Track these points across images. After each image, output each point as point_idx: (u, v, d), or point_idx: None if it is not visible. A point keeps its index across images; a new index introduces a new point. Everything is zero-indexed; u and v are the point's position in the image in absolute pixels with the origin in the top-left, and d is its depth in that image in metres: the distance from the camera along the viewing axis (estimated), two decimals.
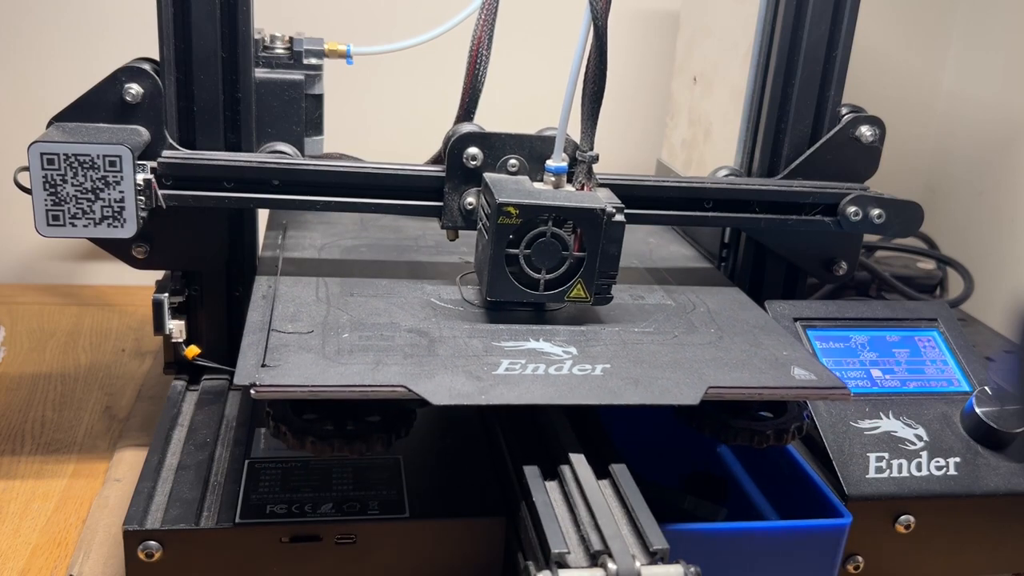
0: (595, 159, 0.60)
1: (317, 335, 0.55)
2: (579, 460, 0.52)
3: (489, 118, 0.64)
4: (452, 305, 0.61)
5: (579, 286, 0.58)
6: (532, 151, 0.62)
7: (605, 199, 0.59)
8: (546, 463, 0.53)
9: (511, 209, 0.56)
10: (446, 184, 0.62)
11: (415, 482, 0.57)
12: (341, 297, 0.61)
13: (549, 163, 0.61)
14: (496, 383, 0.51)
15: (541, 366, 0.53)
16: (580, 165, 0.60)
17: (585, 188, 0.60)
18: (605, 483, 0.52)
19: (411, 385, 0.49)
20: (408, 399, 0.49)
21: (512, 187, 0.59)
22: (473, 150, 0.61)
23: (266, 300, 0.60)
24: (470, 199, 0.62)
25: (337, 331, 0.55)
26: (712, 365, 0.55)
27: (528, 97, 0.97)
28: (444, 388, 0.50)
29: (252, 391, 0.48)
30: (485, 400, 0.49)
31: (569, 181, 0.61)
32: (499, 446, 0.60)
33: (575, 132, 0.60)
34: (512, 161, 0.62)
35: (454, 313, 0.60)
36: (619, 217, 0.57)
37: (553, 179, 0.60)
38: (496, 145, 0.62)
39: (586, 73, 0.58)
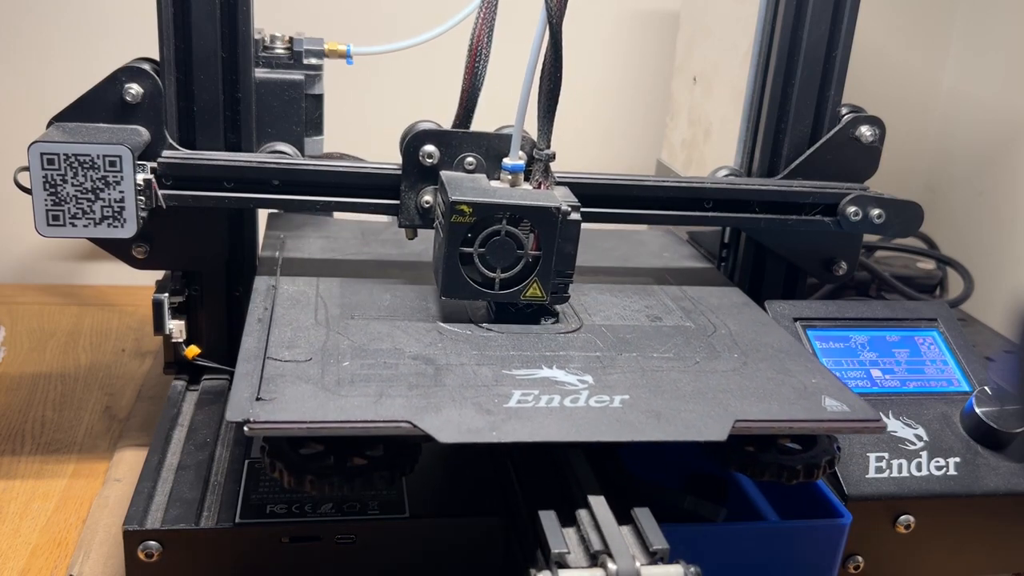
0: (552, 157, 0.60)
1: (316, 363, 0.52)
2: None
3: (490, 117, 0.64)
4: (459, 328, 0.58)
5: (535, 285, 0.58)
6: (489, 149, 0.61)
7: (561, 197, 0.58)
8: (548, 467, 0.53)
9: (465, 207, 0.56)
10: (403, 182, 0.62)
11: (415, 482, 0.57)
12: (341, 320, 0.58)
13: (506, 161, 0.60)
14: (508, 417, 0.48)
15: (556, 397, 0.50)
16: (537, 163, 0.60)
17: (542, 186, 0.60)
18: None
19: (416, 420, 0.46)
20: (413, 435, 0.47)
21: (467, 185, 0.58)
22: (429, 148, 0.61)
23: (261, 324, 0.57)
24: (427, 197, 0.62)
25: (337, 358, 0.53)
26: (737, 395, 0.52)
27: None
28: (452, 423, 0.47)
29: (246, 428, 0.45)
30: (496, 437, 0.46)
31: (527, 179, 0.61)
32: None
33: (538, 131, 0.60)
34: (469, 159, 0.61)
35: (461, 337, 0.57)
36: (575, 216, 0.57)
37: (510, 177, 0.60)
38: (453, 143, 0.61)
39: (542, 72, 0.58)
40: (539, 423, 0.48)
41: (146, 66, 0.61)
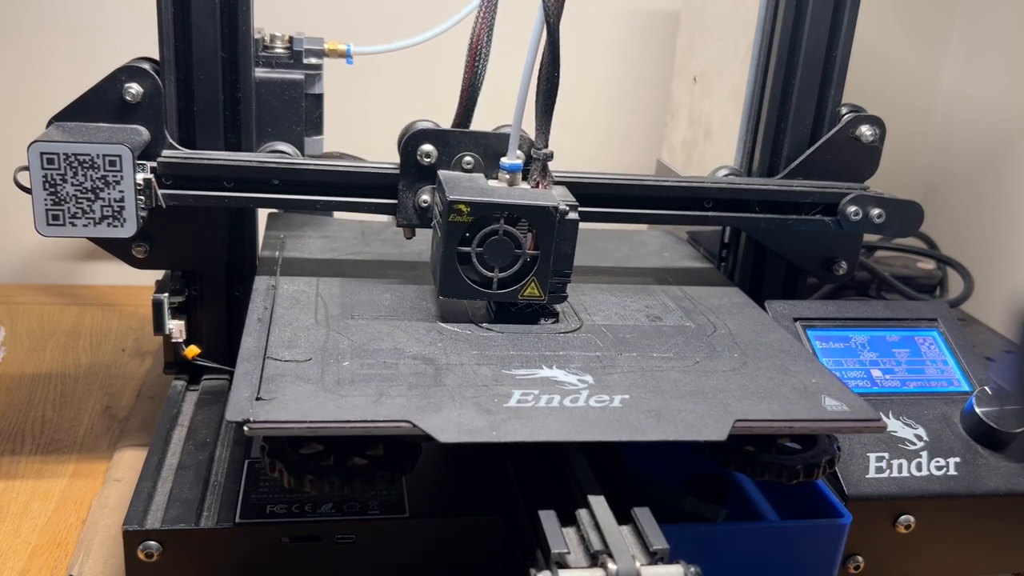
0: (550, 156, 0.60)
1: (316, 363, 0.52)
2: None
3: (490, 117, 0.64)
4: (459, 328, 0.58)
5: (533, 284, 0.58)
6: (487, 148, 0.61)
7: (559, 197, 0.58)
8: (548, 467, 0.53)
9: (462, 207, 0.56)
10: (400, 181, 0.62)
11: (415, 482, 0.57)
12: (341, 320, 0.58)
13: (504, 160, 0.60)
14: (508, 417, 0.48)
15: (556, 397, 0.50)
16: (535, 163, 0.60)
17: (540, 186, 0.60)
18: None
19: (416, 420, 0.46)
20: (413, 435, 0.47)
21: (465, 185, 0.58)
22: (427, 147, 0.61)
23: (261, 324, 0.56)
24: (425, 197, 0.62)
25: (337, 358, 0.52)
26: (738, 395, 0.52)
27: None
28: (452, 423, 0.47)
29: (245, 428, 0.45)
30: (496, 437, 0.46)
31: (525, 179, 0.61)
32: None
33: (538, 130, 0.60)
34: (467, 158, 0.61)
35: (461, 337, 0.57)
36: (572, 215, 0.57)
37: (508, 177, 0.60)
38: (451, 142, 0.61)
39: (539, 71, 0.58)
40: (539, 423, 0.47)
41: (146, 66, 0.61)
